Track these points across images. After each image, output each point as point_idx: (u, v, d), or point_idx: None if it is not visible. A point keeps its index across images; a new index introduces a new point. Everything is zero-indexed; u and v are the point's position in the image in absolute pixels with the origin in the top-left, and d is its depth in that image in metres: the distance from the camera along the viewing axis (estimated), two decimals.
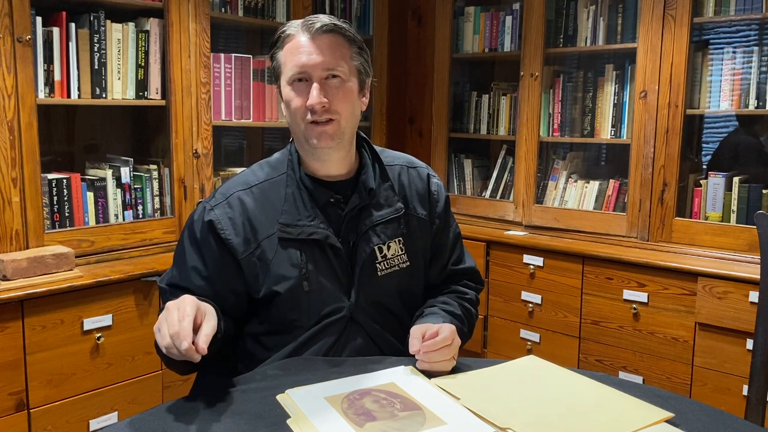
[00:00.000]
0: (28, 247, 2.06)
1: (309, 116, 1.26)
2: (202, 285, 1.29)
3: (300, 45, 1.27)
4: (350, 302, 1.32)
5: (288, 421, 1.02)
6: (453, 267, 1.49)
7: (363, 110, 1.37)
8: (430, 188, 1.45)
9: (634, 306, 2.49)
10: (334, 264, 1.31)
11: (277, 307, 1.31)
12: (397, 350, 1.36)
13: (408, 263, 1.38)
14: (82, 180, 2.25)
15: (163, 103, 2.39)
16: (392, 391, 1.13)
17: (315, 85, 1.25)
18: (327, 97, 1.26)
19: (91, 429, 2.06)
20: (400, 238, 1.37)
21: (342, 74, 1.28)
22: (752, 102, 2.43)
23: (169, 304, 1.11)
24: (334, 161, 1.34)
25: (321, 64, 1.26)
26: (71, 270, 2.05)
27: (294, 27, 1.29)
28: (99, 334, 2.06)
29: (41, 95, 2.10)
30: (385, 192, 1.38)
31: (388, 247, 1.35)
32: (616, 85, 2.75)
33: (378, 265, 1.34)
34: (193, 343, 1.04)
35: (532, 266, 2.76)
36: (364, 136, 1.42)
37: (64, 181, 2.18)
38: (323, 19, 1.28)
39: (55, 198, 2.16)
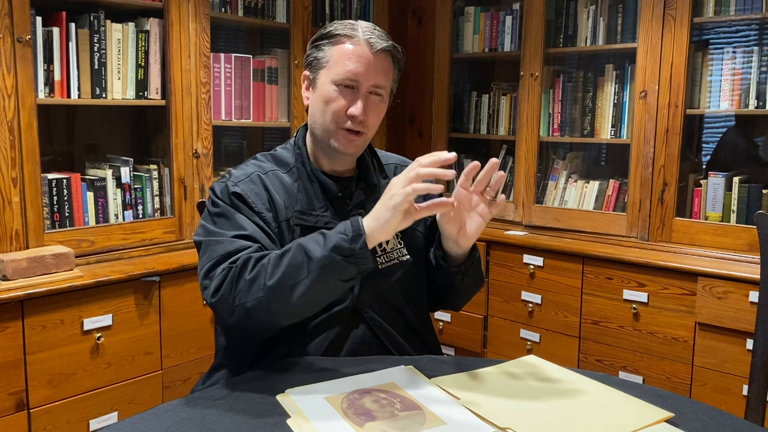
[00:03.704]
0: (28, 247, 2.06)
1: (347, 123, 1.33)
2: (261, 234, 1.28)
3: (360, 54, 1.32)
4: (353, 293, 1.34)
5: (288, 421, 1.02)
6: None
7: None
8: None
9: (634, 306, 2.49)
10: None
11: None
12: (398, 344, 1.38)
13: (407, 256, 1.42)
14: (82, 180, 2.25)
15: (163, 103, 2.39)
16: (392, 391, 1.13)
17: (363, 97, 1.32)
18: (366, 110, 1.33)
19: (91, 429, 2.06)
20: (398, 232, 1.39)
21: (384, 94, 1.37)
22: (752, 102, 2.43)
23: None
24: (346, 160, 1.41)
25: (374, 80, 1.33)
26: (71, 270, 2.05)
27: (352, 30, 1.34)
28: (99, 334, 2.06)
29: (41, 95, 2.10)
30: (383, 188, 1.40)
31: (387, 241, 1.39)
32: (616, 85, 2.75)
33: (378, 258, 1.37)
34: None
35: (532, 266, 2.76)
36: None
37: (64, 181, 2.18)
38: (381, 35, 1.34)
39: (55, 198, 2.16)
